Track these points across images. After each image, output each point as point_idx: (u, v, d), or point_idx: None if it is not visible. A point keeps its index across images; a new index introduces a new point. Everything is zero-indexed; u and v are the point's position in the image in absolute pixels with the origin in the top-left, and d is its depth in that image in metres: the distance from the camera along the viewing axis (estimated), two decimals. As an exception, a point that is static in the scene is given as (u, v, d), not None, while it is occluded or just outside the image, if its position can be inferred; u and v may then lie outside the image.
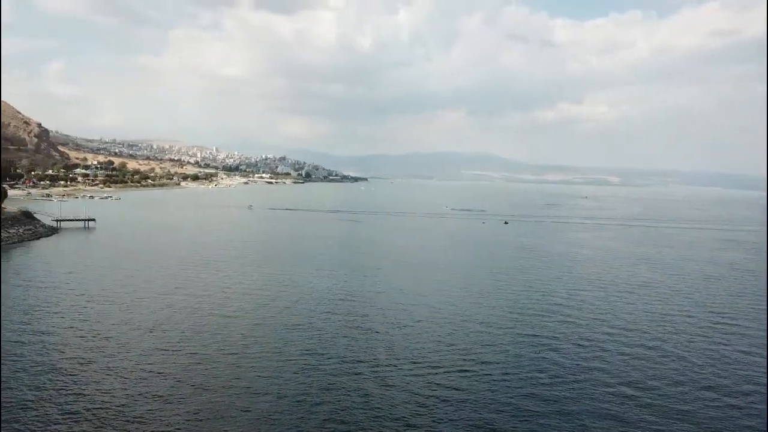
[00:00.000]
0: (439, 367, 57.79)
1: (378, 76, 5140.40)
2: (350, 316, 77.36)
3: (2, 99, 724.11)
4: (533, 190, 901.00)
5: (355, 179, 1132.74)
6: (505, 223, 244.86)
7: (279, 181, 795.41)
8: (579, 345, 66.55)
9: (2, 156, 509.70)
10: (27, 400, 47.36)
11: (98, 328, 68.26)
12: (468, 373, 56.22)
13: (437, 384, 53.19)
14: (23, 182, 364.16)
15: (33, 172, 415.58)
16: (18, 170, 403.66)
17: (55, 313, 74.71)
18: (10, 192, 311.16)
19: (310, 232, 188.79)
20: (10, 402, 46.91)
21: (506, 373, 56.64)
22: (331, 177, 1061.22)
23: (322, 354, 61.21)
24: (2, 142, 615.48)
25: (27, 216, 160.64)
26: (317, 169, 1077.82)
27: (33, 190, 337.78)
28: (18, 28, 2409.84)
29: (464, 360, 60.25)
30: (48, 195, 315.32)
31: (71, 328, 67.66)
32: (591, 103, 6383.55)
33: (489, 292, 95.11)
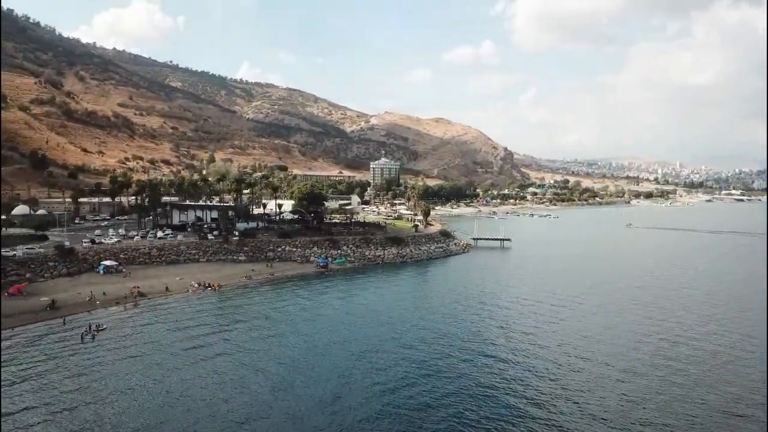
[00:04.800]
0: None
1: None
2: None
3: (480, 129, 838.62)
4: None
5: None
6: None
7: (753, 198, 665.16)
8: None
9: (470, 178, 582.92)
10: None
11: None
12: None
13: None
14: (477, 201, 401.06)
15: (488, 191, 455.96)
16: (476, 190, 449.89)
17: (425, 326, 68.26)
18: (464, 209, 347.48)
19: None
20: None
21: None
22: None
23: None
24: (466, 168, 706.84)
25: (444, 235, 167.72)
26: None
27: (483, 208, 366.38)
28: (500, 68, 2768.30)
29: None
30: (493, 212, 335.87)
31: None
32: None
33: None
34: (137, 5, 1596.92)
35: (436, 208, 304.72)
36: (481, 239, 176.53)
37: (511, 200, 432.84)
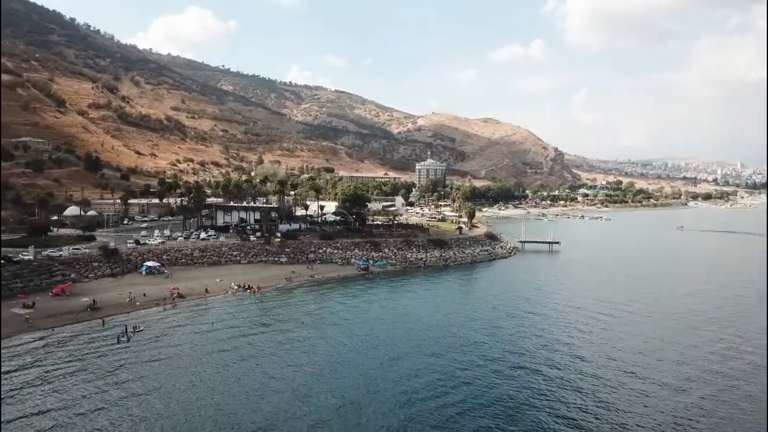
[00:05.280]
0: None
1: None
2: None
3: (530, 130, 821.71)
4: None
5: None
6: None
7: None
8: None
9: (519, 178, 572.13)
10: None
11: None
12: None
13: None
14: (526, 202, 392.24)
15: (537, 193, 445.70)
16: (525, 191, 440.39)
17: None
18: (512, 211, 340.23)
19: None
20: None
21: None
22: None
23: None
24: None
25: (489, 237, 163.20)
26: None
27: (533, 210, 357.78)
28: (550, 68, 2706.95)
29: None
30: (543, 214, 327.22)
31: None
32: None
33: None
34: (191, 11, 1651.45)
35: (483, 209, 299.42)
36: (528, 242, 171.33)
37: (562, 202, 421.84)
